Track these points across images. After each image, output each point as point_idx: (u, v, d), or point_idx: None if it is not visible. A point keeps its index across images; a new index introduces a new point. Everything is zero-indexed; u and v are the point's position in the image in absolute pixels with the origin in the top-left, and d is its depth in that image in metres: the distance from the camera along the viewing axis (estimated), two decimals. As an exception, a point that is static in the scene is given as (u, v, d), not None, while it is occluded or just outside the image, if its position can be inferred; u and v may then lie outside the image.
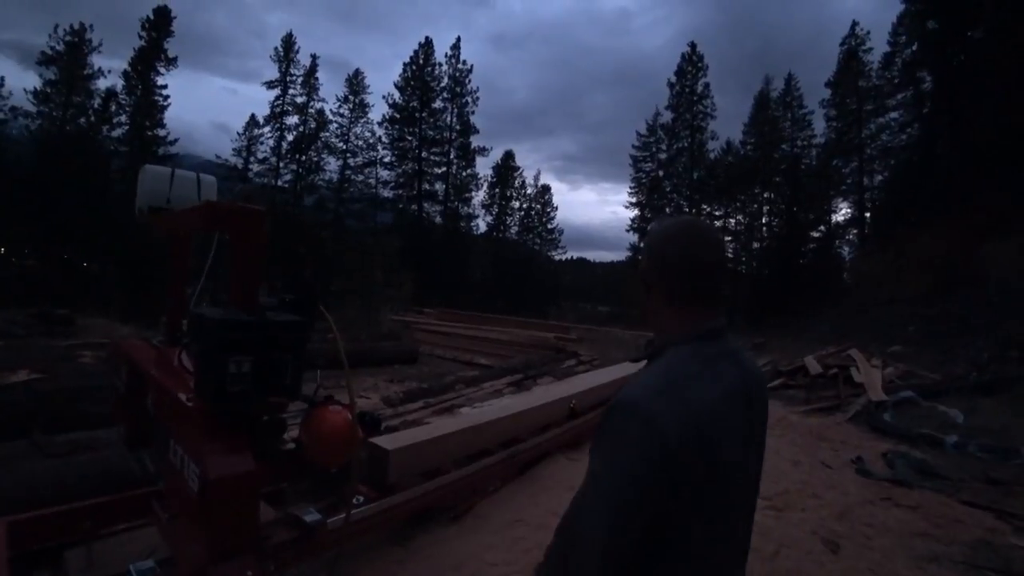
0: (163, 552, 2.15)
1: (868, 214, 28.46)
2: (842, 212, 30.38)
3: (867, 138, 28.01)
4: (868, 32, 28.57)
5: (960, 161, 18.85)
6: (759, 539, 2.53)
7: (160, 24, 28.44)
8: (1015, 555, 3.25)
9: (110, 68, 27.00)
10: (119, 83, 27.65)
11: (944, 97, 21.95)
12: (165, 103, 28.59)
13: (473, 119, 35.12)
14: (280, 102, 32.55)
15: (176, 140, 28.90)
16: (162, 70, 28.43)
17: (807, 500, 4.05)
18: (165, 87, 28.60)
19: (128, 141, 27.70)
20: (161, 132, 28.60)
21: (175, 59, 28.74)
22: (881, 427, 6.14)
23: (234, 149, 32.31)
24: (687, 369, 0.90)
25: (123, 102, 27.76)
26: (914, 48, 24.82)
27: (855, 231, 29.34)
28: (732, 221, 32.91)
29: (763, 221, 32.68)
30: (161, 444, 1.99)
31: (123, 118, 27.87)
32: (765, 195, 32.21)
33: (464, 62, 34.86)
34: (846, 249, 30.24)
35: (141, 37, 28.17)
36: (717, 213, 32.61)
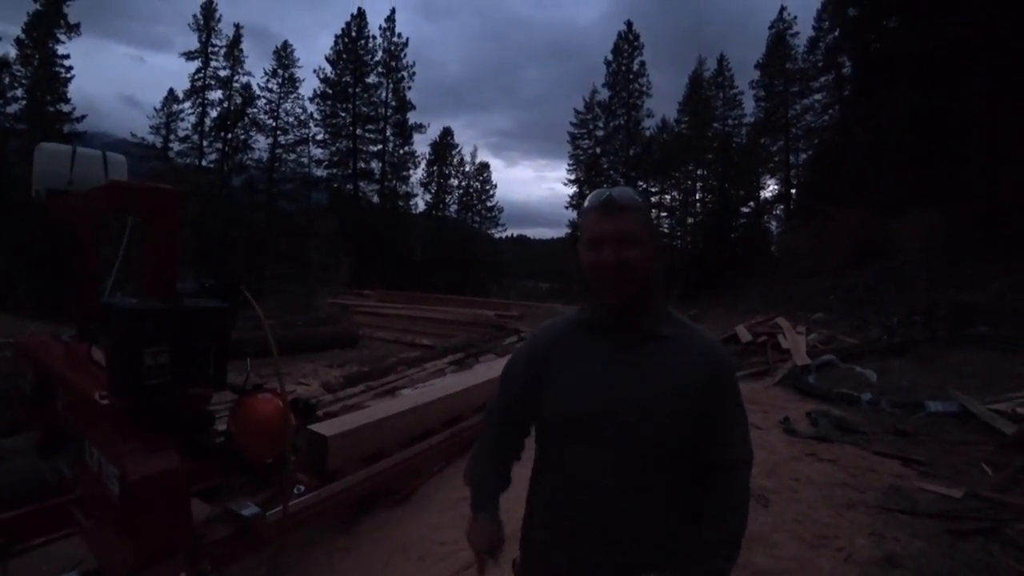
0: (90, 563, 2.01)
1: (793, 191, 30.13)
2: (770, 188, 32.05)
3: (793, 118, 29.54)
4: (795, 17, 29.94)
5: (873, 142, 20.19)
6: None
7: (57, -15, 25.67)
8: (919, 496, 3.59)
9: (0, 35, 24.02)
10: (12, 52, 24.92)
11: (861, 82, 23.33)
12: (68, 75, 26.06)
13: (408, 94, 33.99)
14: (201, 75, 30.26)
15: (84, 116, 26.42)
16: (62, 38, 25.79)
17: (739, 461, 4.28)
18: (67, 57, 26.03)
19: (26, 118, 25.06)
20: (65, 107, 26.07)
21: (77, 25, 26.06)
22: (805, 389, 6.57)
23: (151, 126, 29.89)
24: None
25: (18, 73, 25.06)
26: (836, 34, 26.20)
27: (781, 207, 31.06)
28: (667, 197, 34.00)
29: (697, 197, 33.95)
30: (76, 447, 1.85)
31: (19, 92, 25.18)
32: (699, 172, 33.41)
33: (399, 35, 33.50)
34: (773, 224, 32.13)
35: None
36: (653, 189, 33.45)
